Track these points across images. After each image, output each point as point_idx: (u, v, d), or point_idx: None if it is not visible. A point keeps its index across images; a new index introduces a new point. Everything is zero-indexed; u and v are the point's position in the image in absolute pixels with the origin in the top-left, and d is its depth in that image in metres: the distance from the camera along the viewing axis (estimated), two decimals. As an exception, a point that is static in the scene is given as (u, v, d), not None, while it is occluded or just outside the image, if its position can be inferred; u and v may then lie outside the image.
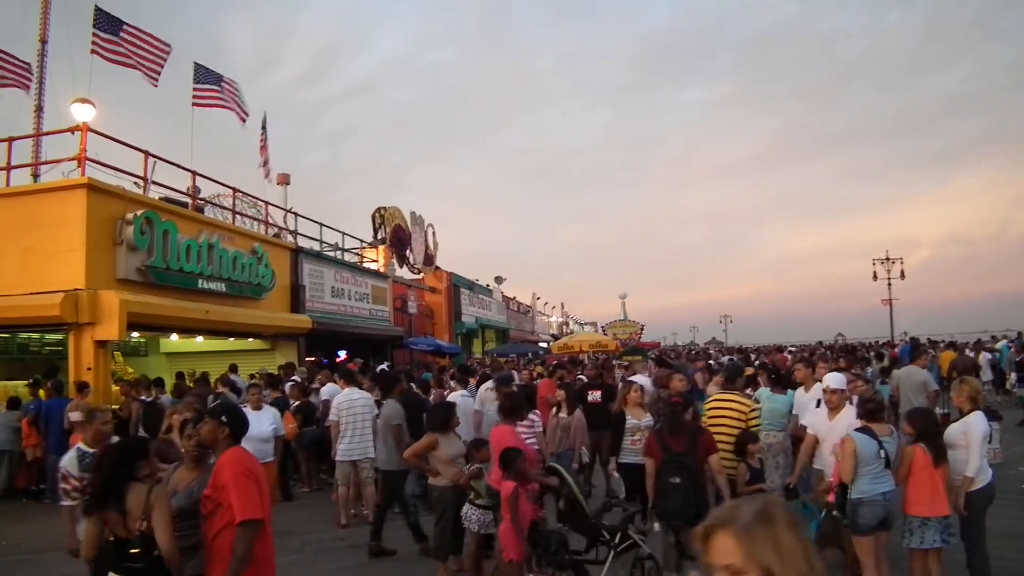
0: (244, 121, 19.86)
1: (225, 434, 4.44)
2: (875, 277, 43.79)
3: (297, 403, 13.31)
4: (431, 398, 12.71)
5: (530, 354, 32.27)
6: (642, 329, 40.49)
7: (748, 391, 9.52)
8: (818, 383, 8.03)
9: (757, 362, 18.21)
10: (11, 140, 15.23)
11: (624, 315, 40.03)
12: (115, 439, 5.70)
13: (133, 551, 4.09)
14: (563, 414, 10.11)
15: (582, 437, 10.04)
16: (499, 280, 46.17)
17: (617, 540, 6.08)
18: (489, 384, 11.54)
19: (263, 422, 9.71)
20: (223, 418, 4.50)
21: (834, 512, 6.14)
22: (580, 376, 15.37)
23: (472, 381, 13.04)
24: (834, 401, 6.92)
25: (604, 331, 38.02)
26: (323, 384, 13.96)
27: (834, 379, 7.12)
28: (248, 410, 9.00)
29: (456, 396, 11.31)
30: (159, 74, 17.22)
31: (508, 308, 48.17)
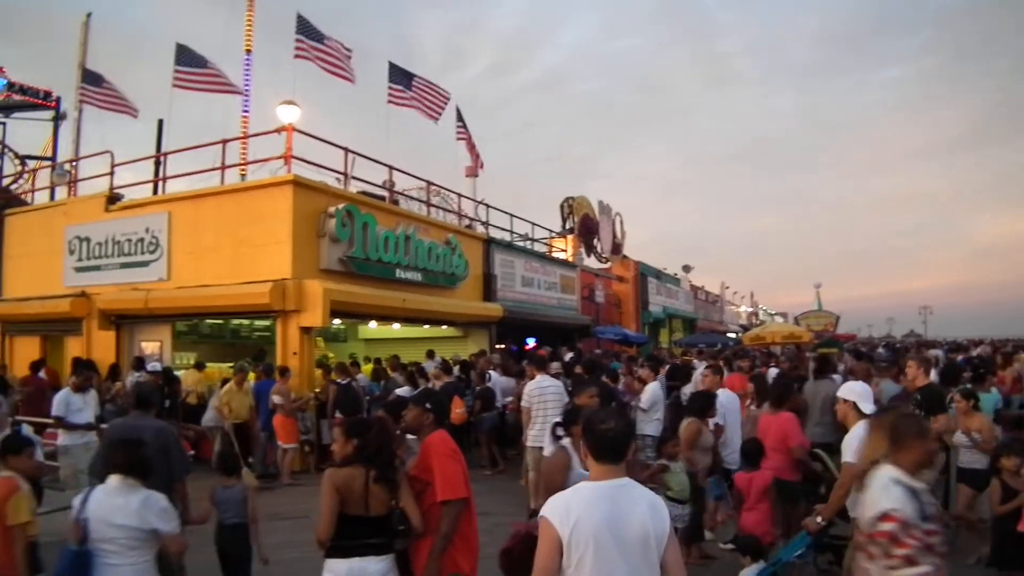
0: (437, 119, 20.53)
1: (429, 419, 4.63)
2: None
3: (478, 388, 13.66)
4: (620, 387, 12.72)
5: (719, 345, 31.56)
6: (837, 320, 38.77)
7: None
8: None
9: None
10: (224, 142, 16.41)
11: (819, 305, 38.43)
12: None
13: (400, 527, 4.30)
14: (753, 407, 9.85)
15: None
16: (687, 269, 45.40)
17: None
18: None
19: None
20: (427, 404, 4.70)
21: None
22: (772, 367, 14.94)
23: (662, 371, 12.89)
24: None
25: (797, 322, 36.65)
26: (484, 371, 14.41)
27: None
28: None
29: (651, 387, 11.28)
30: (353, 77, 18.20)
31: (696, 297, 47.23)
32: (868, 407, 5.31)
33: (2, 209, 19.52)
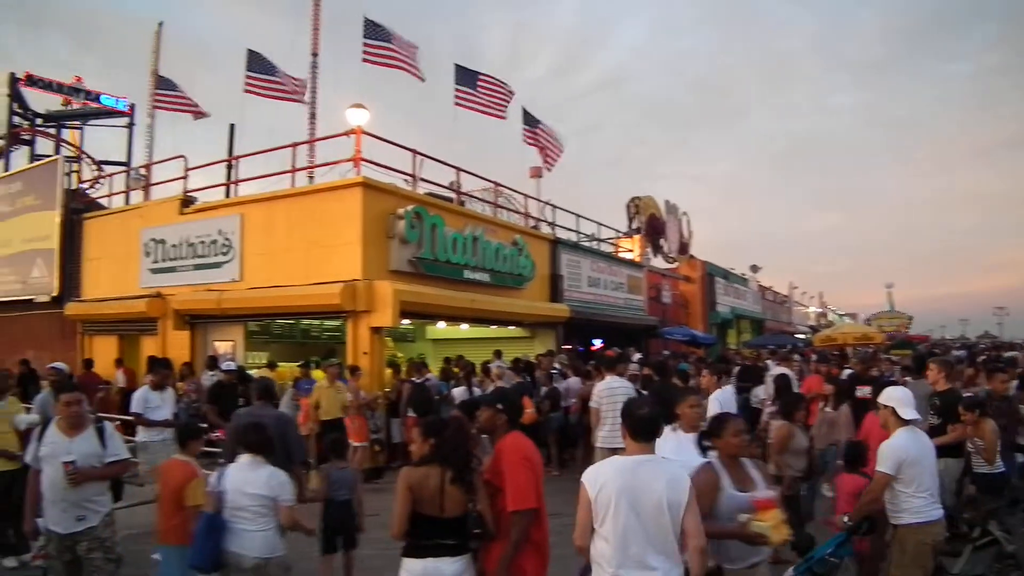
0: (504, 117, 20.51)
1: (502, 420, 4.56)
2: None
3: (546, 389, 13.57)
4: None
5: (788, 346, 30.98)
6: (910, 321, 37.86)
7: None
8: None
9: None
10: (295, 145, 16.63)
11: (890, 306, 37.57)
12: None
13: (476, 531, 4.27)
14: (828, 408, 9.60)
15: (848, 433, 9.49)
16: (755, 269, 44.64)
17: (977, 534, 5.71)
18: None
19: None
20: (499, 405, 4.63)
21: None
22: (847, 369, 14.56)
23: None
24: None
25: (868, 323, 35.85)
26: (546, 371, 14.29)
27: None
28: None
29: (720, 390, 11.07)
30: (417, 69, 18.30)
31: (764, 298, 46.48)
32: (908, 413, 5.24)
33: (81, 213, 20.08)
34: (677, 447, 4.96)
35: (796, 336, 41.62)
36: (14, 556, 7.85)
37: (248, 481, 4.94)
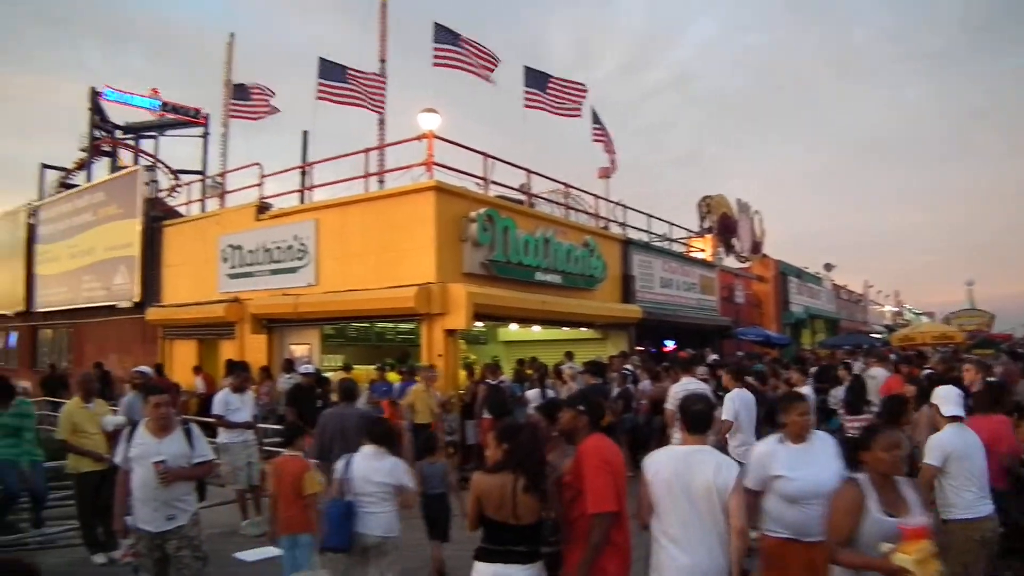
0: (578, 115, 20.48)
1: (584, 422, 4.51)
2: None
3: (619, 390, 13.45)
4: (769, 390, 12.24)
5: (864, 345, 30.24)
6: (992, 319, 36.63)
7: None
8: None
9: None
10: (368, 151, 16.82)
11: (971, 303, 36.39)
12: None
13: (551, 538, 4.30)
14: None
15: (927, 434, 9.16)
16: (828, 267, 43.75)
17: None
18: None
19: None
20: (581, 407, 4.59)
21: None
22: (928, 369, 14.11)
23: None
24: None
25: (948, 321, 34.81)
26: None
27: None
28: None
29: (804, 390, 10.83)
30: (492, 73, 18.33)
31: (838, 297, 45.50)
32: (950, 409, 5.41)
33: (160, 221, 20.60)
34: (793, 459, 4.49)
35: (872, 336, 40.64)
36: (103, 553, 8.06)
37: (374, 469, 5.47)
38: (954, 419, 5.41)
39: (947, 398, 5.52)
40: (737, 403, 8.76)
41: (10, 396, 8.77)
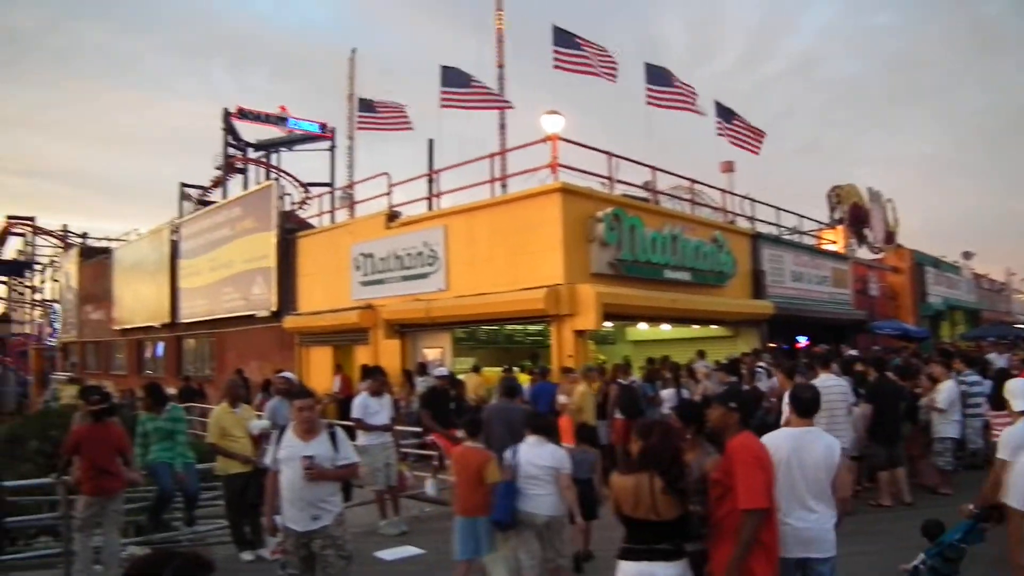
0: (703, 113, 20.18)
1: (734, 419, 4.47)
2: None
3: (747, 388, 13.15)
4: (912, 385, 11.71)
5: (1011, 337, 28.67)
6: None
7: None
8: None
9: None
10: (493, 156, 17.01)
11: None
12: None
13: (701, 532, 4.28)
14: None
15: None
16: (968, 256, 41.55)
17: None
18: None
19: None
20: (731, 404, 4.55)
21: None
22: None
23: (955, 366, 11.75)
24: None
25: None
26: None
27: None
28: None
29: (947, 385, 10.39)
30: (615, 73, 18.25)
31: (979, 286, 43.22)
32: (1018, 404, 5.48)
33: (294, 233, 21.38)
34: None
35: (1016, 326, 38.51)
36: (251, 550, 8.39)
37: (538, 455, 6.09)
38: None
39: (1016, 392, 5.60)
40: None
41: (164, 402, 9.28)
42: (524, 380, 13.47)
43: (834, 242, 26.63)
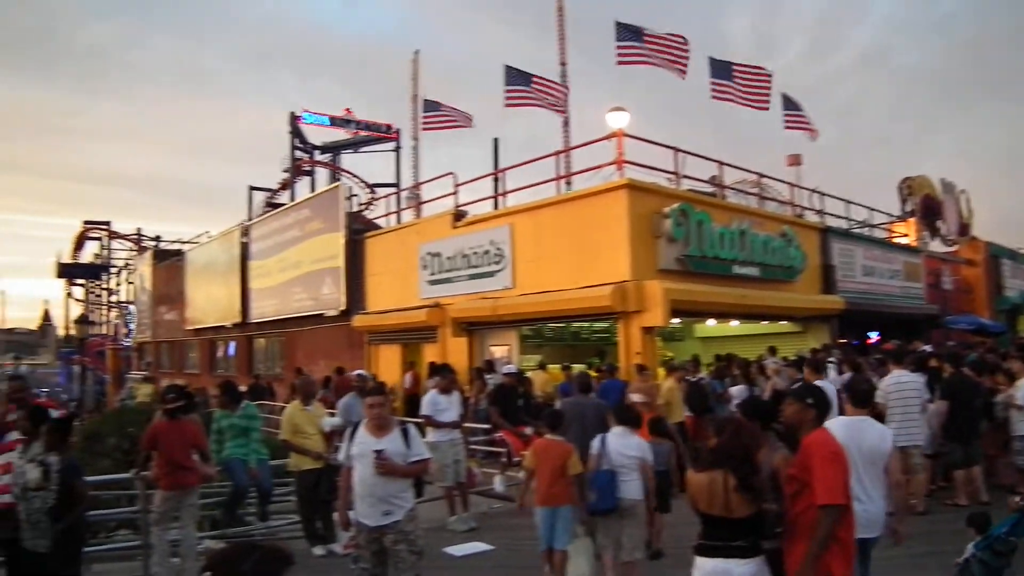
0: (766, 108, 19.95)
1: (811, 416, 4.47)
2: None
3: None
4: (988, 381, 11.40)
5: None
6: None
7: None
8: None
9: None
10: (557, 154, 17.07)
11: None
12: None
13: (777, 530, 4.25)
14: None
15: None
16: (1046, 247, 40.42)
17: None
18: None
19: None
20: (808, 400, 4.54)
21: None
22: None
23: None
24: None
25: None
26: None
27: None
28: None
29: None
30: (686, 67, 18.15)
31: (1060, 278, 41.87)
32: None
33: (362, 233, 21.71)
34: None
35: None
36: (322, 545, 8.54)
37: (626, 445, 6.52)
38: None
39: None
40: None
41: (238, 400, 9.57)
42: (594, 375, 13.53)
43: (906, 235, 26.09)
